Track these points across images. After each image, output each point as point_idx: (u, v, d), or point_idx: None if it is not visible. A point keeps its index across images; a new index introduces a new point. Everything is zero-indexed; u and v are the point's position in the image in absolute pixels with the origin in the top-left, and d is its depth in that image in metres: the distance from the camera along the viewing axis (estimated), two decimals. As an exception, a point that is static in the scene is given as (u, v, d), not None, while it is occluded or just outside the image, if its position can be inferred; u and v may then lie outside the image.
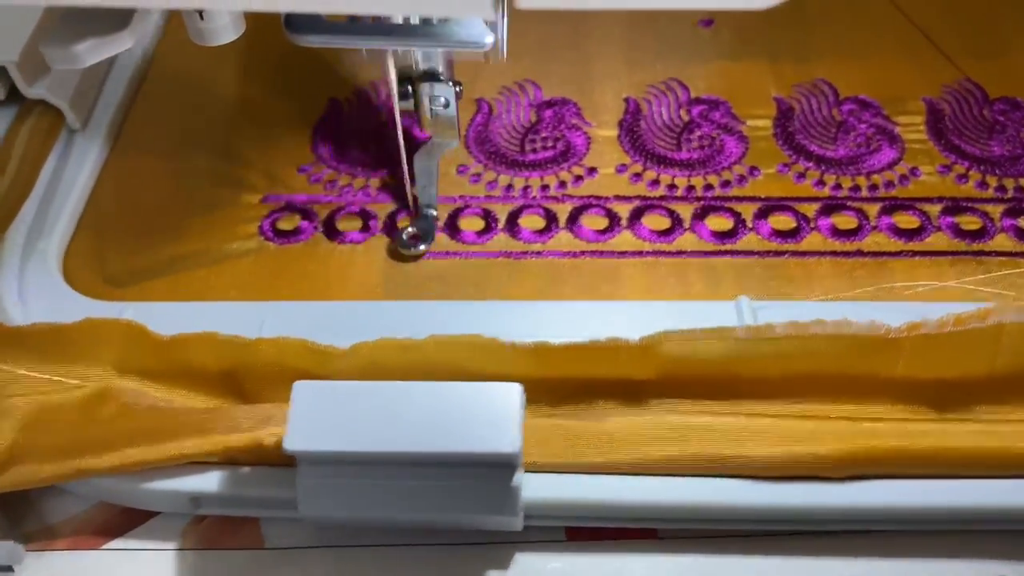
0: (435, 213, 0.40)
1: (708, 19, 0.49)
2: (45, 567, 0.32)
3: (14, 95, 0.43)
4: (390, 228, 0.41)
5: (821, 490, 0.31)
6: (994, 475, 0.31)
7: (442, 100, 0.40)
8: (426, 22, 0.34)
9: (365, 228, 0.41)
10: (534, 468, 0.31)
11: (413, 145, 0.41)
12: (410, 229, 0.40)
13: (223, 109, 0.46)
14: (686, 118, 0.45)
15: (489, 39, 0.33)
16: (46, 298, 0.37)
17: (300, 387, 0.30)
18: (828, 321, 0.32)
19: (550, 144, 0.44)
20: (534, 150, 0.44)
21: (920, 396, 0.32)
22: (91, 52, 0.32)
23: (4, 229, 0.38)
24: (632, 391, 0.32)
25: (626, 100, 0.46)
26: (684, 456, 0.31)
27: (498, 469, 0.29)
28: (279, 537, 0.32)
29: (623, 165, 0.43)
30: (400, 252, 0.39)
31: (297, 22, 0.33)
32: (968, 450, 0.31)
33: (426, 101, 0.40)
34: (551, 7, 0.24)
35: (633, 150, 0.43)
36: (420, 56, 0.38)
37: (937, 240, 0.39)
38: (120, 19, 0.33)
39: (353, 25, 0.34)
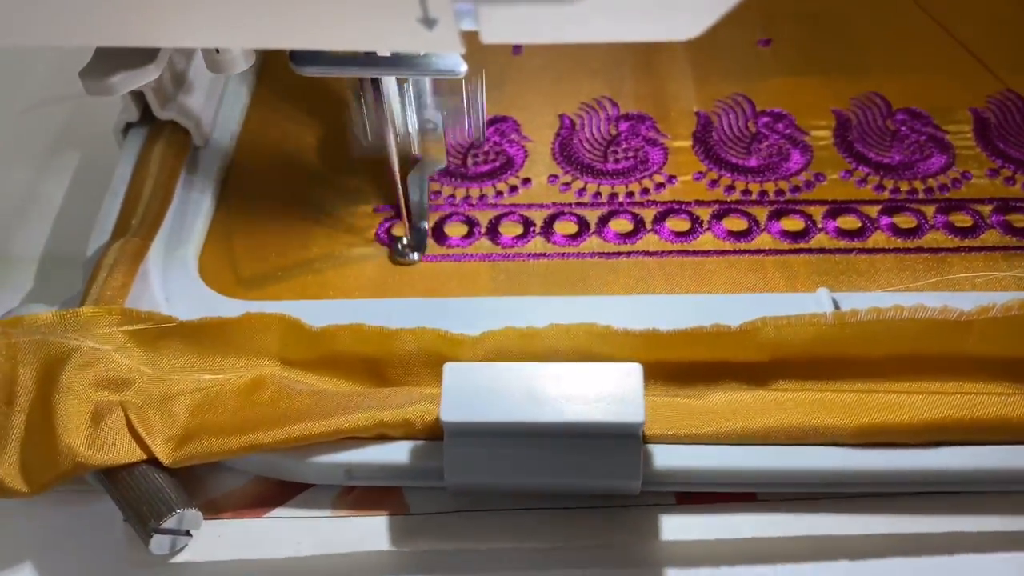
0: (426, 226, 0.45)
1: (766, 39, 0.54)
2: (217, 532, 0.36)
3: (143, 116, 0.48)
4: (492, 233, 0.45)
5: (902, 455, 0.35)
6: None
7: (431, 123, 0.44)
8: (410, 54, 0.38)
9: (470, 234, 0.45)
10: (647, 439, 0.35)
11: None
12: (404, 240, 0.44)
13: (330, 124, 0.50)
14: (753, 130, 0.49)
15: (463, 68, 0.37)
16: (189, 298, 0.42)
17: (450, 367, 0.34)
18: (906, 306, 0.36)
19: (631, 154, 0.48)
20: (616, 160, 0.48)
21: (989, 372, 0.36)
22: (122, 83, 0.37)
23: (152, 237, 0.43)
24: (733, 372, 0.36)
25: (697, 114, 0.50)
26: (781, 426, 0.35)
27: (624, 438, 0.34)
28: (421, 504, 0.36)
29: (700, 173, 0.47)
30: (397, 260, 0.44)
31: (300, 56, 0.38)
32: (1032, 419, 0.35)
33: (418, 124, 0.44)
34: (512, 41, 0.29)
35: (707, 159, 0.48)
36: (411, 84, 0.42)
37: (990, 237, 0.43)
38: (148, 54, 0.37)
39: (348, 57, 0.38)
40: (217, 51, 0.41)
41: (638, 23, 0.27)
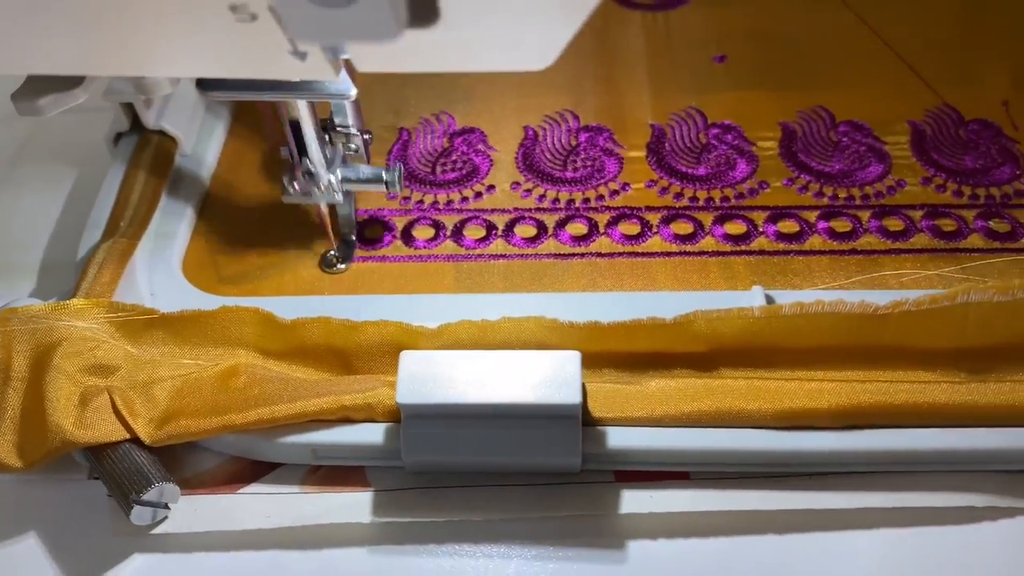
0: (354, 238, 0.48)
1: (721, 55, 0.57)
2: (193, 506, 0.39)
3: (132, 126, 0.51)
4: (457, 235, 0.48)
5: (822, 437, 0.38)
6: (963, 424, 0.38)
7: (353, 145, 0.46)
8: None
9: (436, 236, 0.48)
10: (589, 422, 0.38)
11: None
12: (332, 252, 0.47)
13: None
14: (704, 140, 0.52)
15: (353, 92, 0.40)
16: (172, 294, 0.45)
17: (406, 355, 0.37)
18: (827, 301, 0.39)
19: (588, 163, 0.51)
20: (575, 169, 0.51)
21: (905, 361, 0.39)
22: (51, 105, 0.40)
23: (139, 237, 0.46)
24: (678, 361, 0.40)
25: (652, 126, 0.53)
26: (709, 410, 0.38)
27: (563, 419, 0.37)
28: (382, 481, 0.39)
29: (651, 181, 0.50)
30: (324, 269, 0.47)
31: (206, 81, 0.41)
32: (939, 405, 0.38)
33: (340, 147, 0.46)
34: (382, 70, 0.32)
35: (659, 168, 0.51)
36: (334, 109, 0.45)
37: (919, 240, 0.47)
38: (75, 79, 0.40)
39: (250, 82, 0.41)
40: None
41: (492, 55, 0.31)
